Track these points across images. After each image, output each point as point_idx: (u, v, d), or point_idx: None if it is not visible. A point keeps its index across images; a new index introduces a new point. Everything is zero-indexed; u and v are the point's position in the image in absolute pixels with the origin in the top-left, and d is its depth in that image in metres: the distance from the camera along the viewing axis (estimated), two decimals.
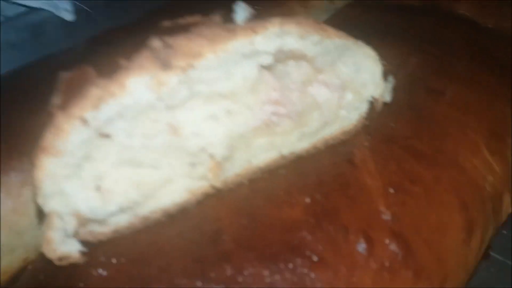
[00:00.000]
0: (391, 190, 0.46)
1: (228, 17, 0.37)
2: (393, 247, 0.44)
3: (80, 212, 0.41)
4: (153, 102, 0.38)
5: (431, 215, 0.47)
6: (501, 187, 0.54)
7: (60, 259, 0.42)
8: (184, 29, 0.36)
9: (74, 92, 0.35)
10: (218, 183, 0.44)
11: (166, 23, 0.41)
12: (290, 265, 0.41)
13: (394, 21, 0.68)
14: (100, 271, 0.43)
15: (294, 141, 0.47)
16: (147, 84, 0.37)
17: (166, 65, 0.36)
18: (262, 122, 0.44)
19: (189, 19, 0.39)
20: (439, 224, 0.47)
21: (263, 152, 0.47)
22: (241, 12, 0.38)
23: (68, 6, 0.87)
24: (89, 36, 0.81)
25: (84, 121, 0.36)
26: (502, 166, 0.54)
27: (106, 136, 0.40)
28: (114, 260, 0.43)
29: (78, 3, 0.90)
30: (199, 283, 0.41)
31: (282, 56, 0.42)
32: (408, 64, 0.58)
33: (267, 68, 0.43)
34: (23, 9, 0.89)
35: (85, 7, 0.91)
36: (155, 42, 0.36)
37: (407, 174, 0.48)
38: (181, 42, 0.36)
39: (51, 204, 0.40)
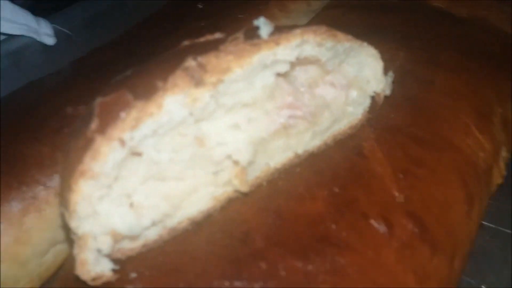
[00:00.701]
0: (400, 175, 0.50)
1: (250, 33, 0.39)
2: (410, 226, 0.47)
3: (116, 230, 0.42)
4: (185, 117, 0.40)
5: (437, 193, 0.51)
6: (490, 162, 0.59)
7: (94, 279, 0.42)
8: (211, 47, 0.38)
9: (110, 115, 0.37)
10: (245, 188, 0.46)
11: (186, 43, 0.43)
12: (321, 255, 0.44)
13: (375, 19, 0.72)
14: (135, 285, 0.43)
15: (307, 140, 0.50)
16: (182, 101, 0.39)
17: (199, 82, 0.38)
18: (280, 125, 0.46)
19: (210, 37, 0.41)
20: (445, 200, 0.52)
21: (279, 154, 0.49)
22: (265, 27, 0.41)
23: (48, 30, 0.86)
24: (70, 58, 0.81)
25: (122, 142, 0.38)
26: (490, 142, 0.59)
27: (137, 154, 0.41)
28: (147, 273, 0.44)
29: (57, 27, 0.89)
30: (237, 283, 0.42)
31: (296, 63, 0.44)
32: (397, 58, 0.62)
33: (281, 74, 0.45)
34: (1, 37, 0.88)
35: (65, 30, 0.90)
36: (188, 62, 0.37)
37: (412, 159, 0.52)
38: (211, 59, 0.38)
39: (85, 226, 0.41)
